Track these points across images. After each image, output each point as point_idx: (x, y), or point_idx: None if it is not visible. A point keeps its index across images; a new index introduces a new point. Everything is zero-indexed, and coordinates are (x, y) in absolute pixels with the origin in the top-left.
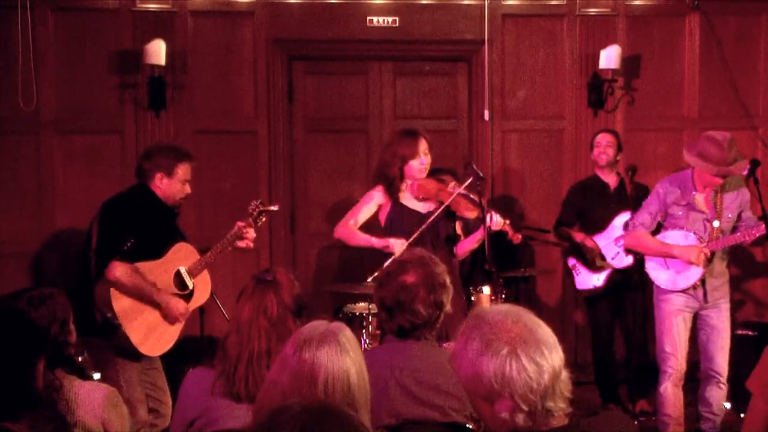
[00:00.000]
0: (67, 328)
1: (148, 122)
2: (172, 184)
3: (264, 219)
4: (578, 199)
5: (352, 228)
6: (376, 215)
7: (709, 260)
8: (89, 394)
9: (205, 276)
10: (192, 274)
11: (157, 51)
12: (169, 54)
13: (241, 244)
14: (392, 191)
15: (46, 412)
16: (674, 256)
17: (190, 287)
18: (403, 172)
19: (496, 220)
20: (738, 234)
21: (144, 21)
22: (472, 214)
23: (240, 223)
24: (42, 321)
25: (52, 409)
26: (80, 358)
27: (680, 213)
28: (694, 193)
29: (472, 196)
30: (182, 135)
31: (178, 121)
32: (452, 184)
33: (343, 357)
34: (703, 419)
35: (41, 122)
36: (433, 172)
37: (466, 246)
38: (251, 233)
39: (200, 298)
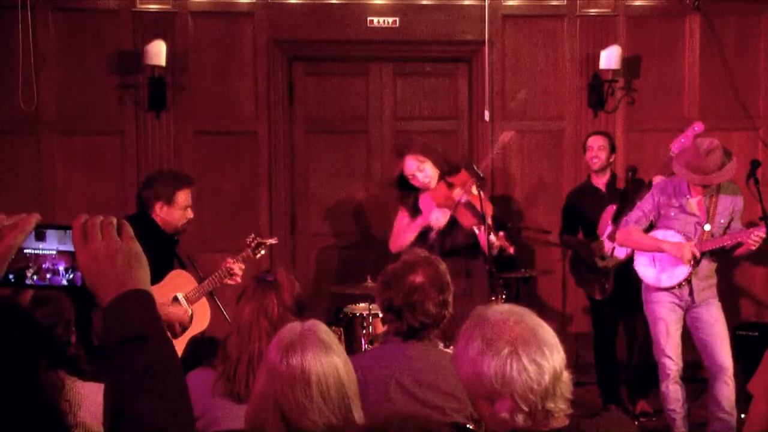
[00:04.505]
0: (71, 329)
1: (149, 123)
2: (172, 212)
3: (263, 252)
4: (574, 206)
5: (399, 231)
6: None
7: (697, 262)
8: (91, 395)
9: (203, 303)
10: (189, 300)
11: (158, 52)
12: (170, 55)
13: (230, 281)
14: (413, 211)
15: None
16: (663, 250)
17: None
18: (414, 185)
19: (492, 241)
20: (726, 236)
21: (144, 21)
22: (470, 224)
23: (229, 260)
24: (47, 321)
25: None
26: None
27: (672, 214)
28: (687, 196)
29: (475, 205)
30: (182, 135)
31: (179, 121)
32: (457, 190)
33: (329, 354)
34: (717, 420)
35: (41, 122)
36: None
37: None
38: (240, 270)
39: (199, 324)
